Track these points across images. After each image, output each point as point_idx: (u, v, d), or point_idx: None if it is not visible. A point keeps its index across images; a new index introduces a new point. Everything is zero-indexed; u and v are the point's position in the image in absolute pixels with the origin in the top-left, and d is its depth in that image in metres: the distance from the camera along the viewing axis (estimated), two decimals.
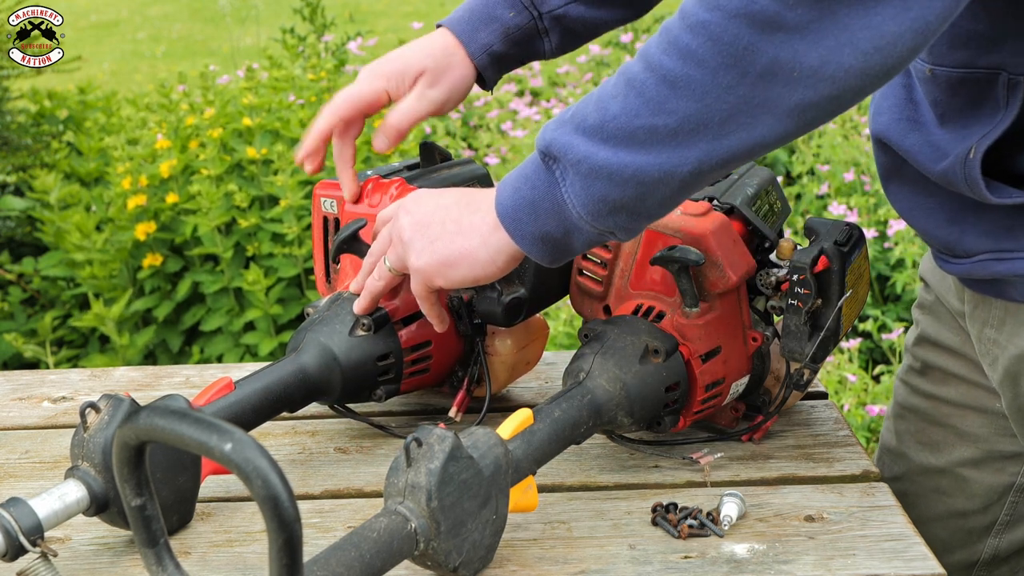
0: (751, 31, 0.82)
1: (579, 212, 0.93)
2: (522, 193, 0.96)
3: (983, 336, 1.17)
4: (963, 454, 1.28)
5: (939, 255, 1.16)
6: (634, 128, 0.88)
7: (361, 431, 1.26)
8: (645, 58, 0.89)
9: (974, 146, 1.03)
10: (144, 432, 0.77)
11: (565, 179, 0.92)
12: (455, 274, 1.02)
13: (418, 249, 1.04)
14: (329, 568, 0.84)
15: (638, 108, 0.88)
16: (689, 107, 0.86)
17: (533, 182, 0.95)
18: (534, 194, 0.95)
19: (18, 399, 1.39)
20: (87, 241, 3.21)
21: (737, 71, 0.84)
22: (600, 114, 0.90)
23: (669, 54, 0.86)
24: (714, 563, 0.98)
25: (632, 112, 0.88)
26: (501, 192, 0.98)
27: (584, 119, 0.91)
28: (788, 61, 0.83)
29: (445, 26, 1.23)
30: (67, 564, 1.01)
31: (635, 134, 0.88)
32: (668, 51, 0.87)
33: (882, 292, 3.33)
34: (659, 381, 1.08)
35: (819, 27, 0.81)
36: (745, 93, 0.85)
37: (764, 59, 0.83)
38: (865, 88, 0.85)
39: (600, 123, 0.90)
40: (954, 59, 1.04)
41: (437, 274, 1.03)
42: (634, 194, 0.91)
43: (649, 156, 0.89)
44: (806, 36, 0.82)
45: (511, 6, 1.22)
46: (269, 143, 3.32)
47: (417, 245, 1.04)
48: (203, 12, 10.09)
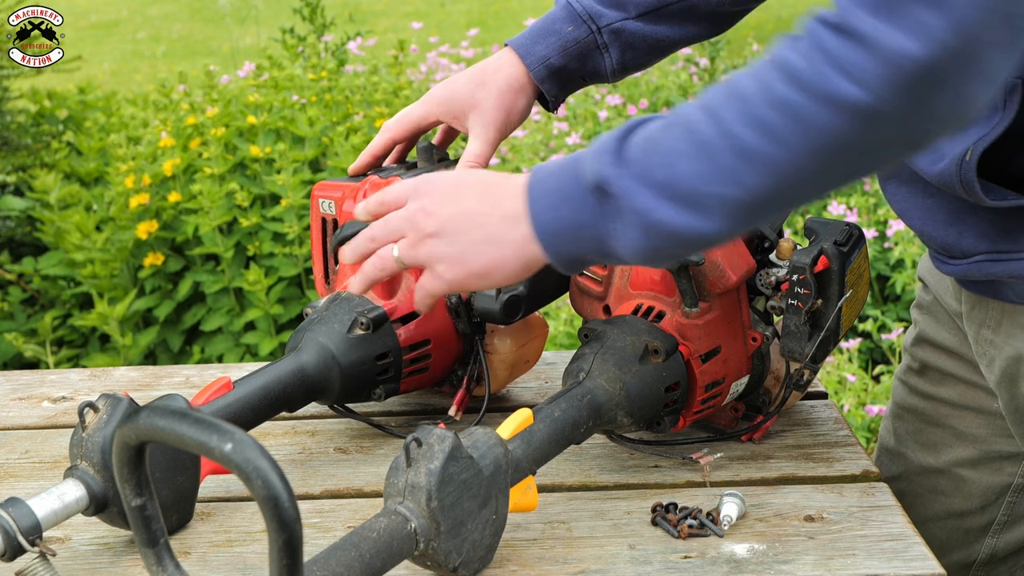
0: (838, 118, 0.82)
1: (626, 252, 0.92)
2: (563, 214, 0.94)
3: (980, 337, 1.17)
4: (961, 454, 1.28)
5: (936, 256, 1.16)
6: (702, 194, 0.88)
7: (361, 431, 1.26)
8: (717, 121, 0.87)
9: (971, 148, 1.03)
10: (144, 432, 0.77)
11: (617, 220, 0.91)
12: (486, 283, 1.00)
13: (448, 260, 1.00)
14: (329, 568, 0.84)
15: (709, 175, 0.87)
16: (763, 182, 0.86)
17: (578, 207, 0.93)
18: (578, 219, 0.93)
19: (18, 399, 1.39)
20: (87, 241, 3.21)
21: (817, 154, 0.84)
22: (667, 170, 0.88)
23: (747, 125, 0.85)
24: (714, 563, 0.98)
25: (703, 178, 0.87)
26: (537, 206, 0.95)
27: (648, 170, 0.89)
28: (870, 144, 0.84)
29: (508, 43, 1.26)
30: (67, 564, 1.01)
31: (703, 200, 0.88)
32: (745, 122, 0.85)
33: (882, 292, 3.33)
34: (659, 381, 1.08)
35: (905, 112, 0.82)
36: (819, 172, 0.86)
37: (847, 143, 0.83)
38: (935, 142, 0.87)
39: (666, 180, 0.88)
40: None
41: (467, 285, 1.01)
42: (687, 249, 0.93)
43: (714, 223, 0.88)
44: (894, 122, 0.82)
45: (571, 20, 1.24)
46: (272, 142, 3.33)
47: (445, 254, 1.00)
48: (203, 12, 10.10)
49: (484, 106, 1.24)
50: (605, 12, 1.23)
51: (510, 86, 1.24)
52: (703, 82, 4.31)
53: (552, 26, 1.24)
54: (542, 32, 1.24)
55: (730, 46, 4.66)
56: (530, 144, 3.91)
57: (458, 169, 1.06)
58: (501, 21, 9.06)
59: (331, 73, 3.87)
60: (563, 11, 1.24)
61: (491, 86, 1.24)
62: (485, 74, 1.25)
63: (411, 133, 1.29)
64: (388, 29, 7.96)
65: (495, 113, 1.24)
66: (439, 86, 1.28)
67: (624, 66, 1.26)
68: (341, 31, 4.88)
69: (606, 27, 1.23)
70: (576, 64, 1.24)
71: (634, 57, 1.26)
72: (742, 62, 4.73)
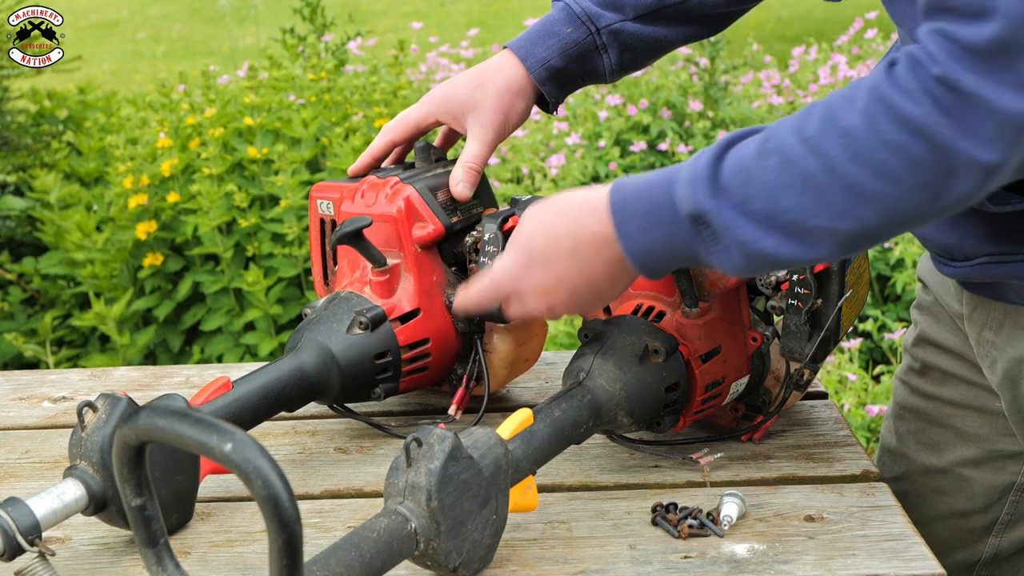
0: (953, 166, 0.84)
1: (728, 271, 0.94)
2: (656, 237, 0.95)
3: (982, 338, 1.17)
4: (963, 454, 1.28)
5: (938, 258, 1.16)
6: (810, 227, 0.89)
7: (361, 431, 1.26)
8: (822, 157, 0.88)
9: None
10: (144, 432, 0.77)
11: (718, 245, 0.92)
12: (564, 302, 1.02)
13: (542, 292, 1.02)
14: (329, 568, 0.84)
15: (817, 209, 0.88)
16: (875, 218, 0.88)
17: (672, 232, 0.94)
18: (672, 242, 0.94)
19: (18, 399, 1.39)
20: (87, 241, 3.21)
21: (930, 194, 0.86)
22: (769, 203, 0.89)
23: (859, 165, 0.86)
24: (714, 563, 0.98)
25: (810, 211, 0.88)
26: (626, 228, 0.96)
27: (747, 201, 0.90)
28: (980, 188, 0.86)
29: (507, 46, 1.26)
30: (67, 564, 1.01)
31: (811, 232, 0.89)
32: (857, 161, 0.86)
33: (882, 292, 3.33)
34: (659, 381, 1.08)
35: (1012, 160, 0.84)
36: (931, 212, 0.88)
37: (960, 189, 0.85)
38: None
39: (770, 212, 0.89)
40: None
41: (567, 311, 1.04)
42: (786, 268, 0.95)
43: (819, 251, 0.90)
44: (1002, 169, 0.85)
45: (569, 22, 1.24)
46: (270, 143, 3.32)
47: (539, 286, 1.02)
48: (203, 12, 10.10)
49: (483, 107, 1.24)
50: (604, 14, 1.23)
51: (509, 88, 1.24)
52: (703, 82, 4.30)
53: (551, 28, 1.24)
54: (541, 34, 1.24)
55: (730, 46, 4.66)
56: (530, 144, 3.91)
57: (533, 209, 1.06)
58: (501, 21, 9.06)
59: (331, 73, 3.86)
60: (562, 13, 1.24)
61: (490, 87, 1.24)
62: (484, 75, 1.25)
63: (410, 135, 1.30)
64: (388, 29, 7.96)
65: (494, 115, 1.24)
66: (438, 87, 1.28)
67: (623, 66, 1.26)
68: (341, 31, 4.88)
69: (605, 28, 1.23)
70: (576, 65, 1.25)
71: (632, 58, 1.26)
72: (742, 62, 4.73)
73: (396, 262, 1.21)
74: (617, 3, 1.23)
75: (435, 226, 1.22)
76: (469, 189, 1.24)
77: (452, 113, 1.26)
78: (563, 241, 1.00)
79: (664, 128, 4.07)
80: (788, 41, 6.99)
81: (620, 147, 4.01)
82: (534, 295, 1.02)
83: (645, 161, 3.98)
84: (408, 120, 1.29)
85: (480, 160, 1.24)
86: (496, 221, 1.20)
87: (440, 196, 1.24)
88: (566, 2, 1.24)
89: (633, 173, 4.13)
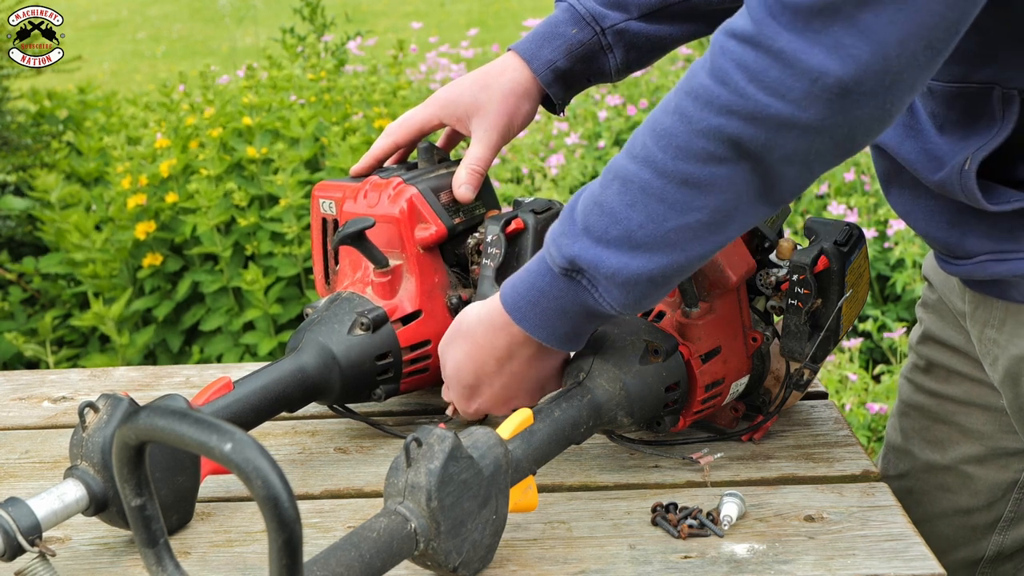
0: (768, 131, 0.86)
1: (616, 309, 0.97)
2: (544, 306, 1.00)
3: (984, 336, 1.17)
4: (967, 451, 1.28)
5: (940, 256, 1.16)
6: (665, 232, 0.92)
7: (361, 431, 1.26)
8: (652, 165, 0.91)
9: (970, 157, 1.03)
10: (144, 432, 0.77)
11: (596, 287, 0.96)
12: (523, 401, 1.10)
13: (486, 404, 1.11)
14: (329, 568, 0.84)
15: (664, 213, 0.91)
16: (718, 199, 0.90)
17: (554, 294, 0.99)
18: (560, 304, 0.99)
19: (18, 399, 1.39)
20: (87, 241, 3.21)
21: (758, 162, 0.88)
22: (622, 225, 0.93)
23: (685, 159, 0.89)
24: (714, 563, 0.98)
25: (659, 218, 0.92)
26: (518, 311, 1.02)
27: (604, 232, 0.94)
28: (805, 150, 0.88)
29: (512, 48, 1.26)
30: (67, 564, 1.01)
31: (667, 236, 0.92)
32: (681, 157, 0.89)
33: (882, 292, 3.33)
34: (659, 381, 1.08)
35: (832, 123, 0.86)
36: (770, 175, 0.89)
37: (783, 151, 0.87)
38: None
39: (626, 234, 0.93)
40: (949, 74, 1.04)
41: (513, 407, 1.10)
42: (675, 279, 0.97)
43: (687, 251, 0.93)
44: (821, 132, 0.87)
45: (574, 23, 1.24)
46: (269, 142, 3.32)
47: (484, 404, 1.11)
48: (203, 12, 10.10)
49: (487, 109, 1.24)
50: (608, 13, 1.23)
51: (514, 90, 1.24)
52: None
53: (556, 29, 1.24)
54: (546, 36, 1.24)
55: None
56: (530, 144, 3.92)
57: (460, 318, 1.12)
58: (501, 21, 9.06)
59: (330, 73, 3.86)
60: (566, 14, 1.24)
61: (495, 90, 1.24)
62: (489, 77, 1.25)
63: (414, 136, 1.29)
64: (388, 29, 7.96)
65: (498, 117, 1.24)
66: (443, 89, 1.28)
67: (628, 65, 1.26)
68: (341, 31, 4.88)
69: (610, 28, 1.23)
70: (581, 66, 1.24)
71: (637, 56, 1.26)
72: None
73: (398, 263, 1.21)
74: (622, 2, 1.23)
75: (437, 227, 1.21)
76: (472, 191, 1.24)
77: (457, 115, 1.25)
78: (486, 364, 1.07)
79: None
80: None
81: (620, 147, 4.00)
82: (492, 410, 1.12)
83: None
84: (412, 122, 1.29)
85: (483, 162, 1.24)
86: (499, 223, 1.20)
87: (443, 197, 1.24)
88: (570, 3, 1.24)
89: None
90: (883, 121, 0.88)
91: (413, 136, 1.29)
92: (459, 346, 1.09)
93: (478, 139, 1.24)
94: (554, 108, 1.27)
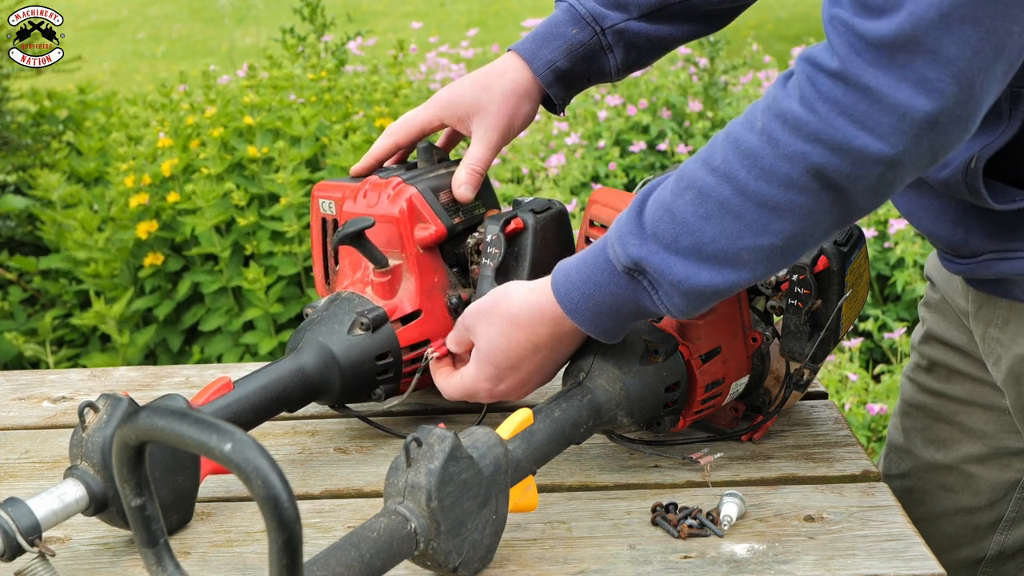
0: (854, 164, 0.87)
1: (673, 313, 0.98)
2: (598, 300, 1.00)
3: (987, 336, 1.17)
4: (969, 451, 1.28)
5: (944, 255, 1.16)
6: (738, 250, 0.92)
7: (361, 431, 1.26)
8: (732, 182, 0.91)
9: (975, 156, 1.03)
10: (144, 432, 0.77)
11: (658, 291, 0.97)
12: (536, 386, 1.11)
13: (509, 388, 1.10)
14: (329, 568, 0.84)
15: (739, 231, 0.92)
16: (795, 227, 0.91)
17: (611, 291, 0.99)
18: (615, 300, 0.99)
19: (18, 399, 1.39)
20: (89, 240, 3.21)
21: (839, 193, 0.89)
22: (694, 237, 0.93)
23: (767, 182, 0.90)
24: (714, 563, 0.98)
25: (733, 235, 0.92)
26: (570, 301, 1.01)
27: (675, 240, 0.94)
28: (889, 181, 0.88)
29: (512, 48, 1.26)
30: (67, 564, 1.01)
31: (739, 255, 0.93)
32: (764, 179, 0.90)
33: (882, 292, 3.33)
34: (659, 381, 1.08)
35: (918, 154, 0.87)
36: (849, 208, 0.90)
37: (866, 183, 0.88)
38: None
39: (697, 245, 0.93)
40: None
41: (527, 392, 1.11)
42: (729, 295, 0.97)
43: (755, 271, 0.94)
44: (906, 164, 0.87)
45: (574, 23, 1.24)
46: (270, 142, 3.32)
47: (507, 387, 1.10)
48: (203, 12, 10.10)
49: (488, 110, 1.24)
50: (608, 13, 1.23)
51: (515, 91, 1.24)
52: (703, 82, 4.31)
53: (556, 29, 1.24)
54: (547, 36, 1.24)
55: (729, 46, 4.66)
56: (530, 144, 3.91)
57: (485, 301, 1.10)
58: (501, 21, 9.06)
59: (331, 73, 3.86)
60: (566, 14, 1.24)
61: (496, 90, 1.24)
62: (490, 78, 1.25)
63: (415, 137, 1.29)
64: (388, 29, 7.97)
65: (499, 118, 1.24)
66: (444, 90, 1.28)
67: (628, 65, 1.26)
68: (341, 31, 4.88)
69: (610, 28, 1.23)
70: (582, 66, 1.24)
71: (638, 56, 1.26)
72: (742, 62, 4.73)
73: (398, 263, 1.21)
74: (622, 2, 1.23)
75: (437, 227, 1.21)
76: (472, 191, 1.24)
77: (458, 116, 1.25)
78: (523, 349, 1.06)
79: (664, 128, 4.07)
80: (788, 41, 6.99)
81: (620, 147, 4.01)
82: (509, 394, 1.11)
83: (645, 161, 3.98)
84: (413, 122, 1.28)
85: (483, 163, 1.24)
86: (498, 223, 1.20)
87: (442, 197, 1.24)
88: (570, 3, 1.24)
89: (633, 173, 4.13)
90: (963, 140, 0.88)
91: (414, 137, 1.29)
92: (496, 324, 1.07)
93: (478, 139, 1.24)
94: (554, 108, 1.27)
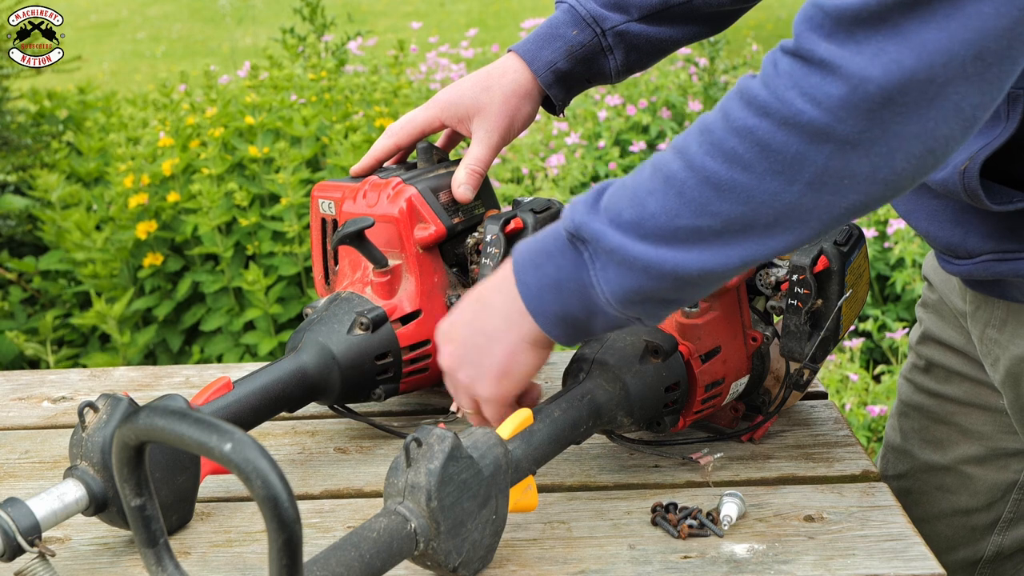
0: (800, 141, 0.82)
1: (607, 297, 0.93)
2: (545, 271, 0.96)
3: (985, 336, 1.17)
4: (967, 451, 1.28)
5: (942, 256, 1.16)
6: (675, 228, 0.88)
7: (361, 431, 1.26)
8: (684, 156, 0.88)
9: (973, 156, 1.03)
10: (144, 432, 0.77)
11: (595, 263, 0.92)
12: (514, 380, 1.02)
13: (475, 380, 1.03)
14: (329, 568, 0.84)
15: (678, 208, 0.88)
16: (734, 210, 0.86)
17: (558, 261, 0.95)
18: (559, 273, 0.95)
19: (18, 399, 1.39)
20: (88, 240, 3.21)
21: (785, 178, 0.84)
22: (636, 210, 0.90)
23: (713, 156, 0.86)
24: (714, 563, 0.98)
25: (672, 212, 0.88)
26: (522, 270, 0.97)
27: (619, 214, 0.91)
28: (838, 170, 0.83)
29: (512, 49, 1.26)
30: (67, 564, 1.01)
31: (676, 233, 0.89)
32: (711, 153, 0.86)
33: (882, 292, 3.33)
34: (659, 381, 1.08)
35: (870, 137, 0.81)
36: (793, 200, 0.85)
37: (813, 168, 0.83)
38: (916, 182, 0.85)
39: (637, 219, 0.90)
40: None
41: (503, 390, 1.03)
42: (670, 287, 0.91)
43: (690, 254, 0.89)
44: (857, 148, 0.82)
45: (575, 24, 1.24)
46: (271, 142, 3.33)
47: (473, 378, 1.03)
48: (203, 12, 10.11)
49: (488, 110, 1.24)
50: (609, 15, 1.23)
51: (515, 91, 1.24)
52: (703, 82, 4.31)
53: (556, 30, 1.24)
54: (547, 37, 1.24)
55: (729, 46, 4.66)
56: (530, 144, 3.92)
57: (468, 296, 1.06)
58: (501, 21, 9.06)
59: (331, 73, 3.87)
60: (566, 15, 1.24)
61: (496, 91, 1.24)
62: (490, 79, 1.25)
63: (415, 137, 1.30)
64: (388, 29, 7.97)
65: (499, 118, 1.24)
66: (444, 91, 1.28)
67: (628, 67, 1.26)
68: (341, 31, 4.88)
69: (610, 30, 1.23)
70: (582, 67, 1.24)
71: (638, 58, 1.26)
72: (742, 62, 4.73)
73: (397, 263, 1.21)
74: (622, 4, 1.23)
75: (437, 227, 1.22)
76: (471, 191, 1.24)
77: (458, 116, 1.26)
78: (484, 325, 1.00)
79: (664, 128, 4.07)
80: None
81: (620, 147, 4.01)
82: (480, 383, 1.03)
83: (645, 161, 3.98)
84: (414, 123, 1.29)
85: (483, 163, 1.24)
86: (498, 223, 1.20)
87: (442, 197, 1.24)
88: (570, 4, 1.24)
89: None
90: (928, 146, 0.82)
91: (414, 137, 1.29)
92: (462, 305, 1.05)
93: (478, 140, 1.24)
94: (554, 109, 1.27)
